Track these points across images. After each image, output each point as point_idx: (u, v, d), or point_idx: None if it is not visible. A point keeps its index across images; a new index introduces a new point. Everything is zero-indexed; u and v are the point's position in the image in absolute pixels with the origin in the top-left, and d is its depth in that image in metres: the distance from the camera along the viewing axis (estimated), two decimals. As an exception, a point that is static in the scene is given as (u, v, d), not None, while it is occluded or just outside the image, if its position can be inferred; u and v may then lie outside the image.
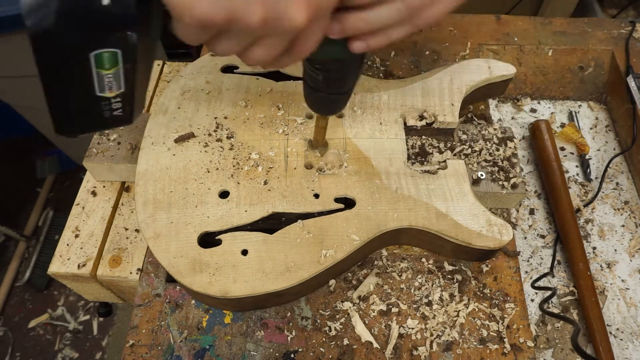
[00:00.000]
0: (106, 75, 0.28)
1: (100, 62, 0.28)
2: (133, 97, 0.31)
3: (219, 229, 0.49)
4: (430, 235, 0.52)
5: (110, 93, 0.30)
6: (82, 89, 0.29)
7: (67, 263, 0.55)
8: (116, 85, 0.29)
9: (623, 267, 0.61)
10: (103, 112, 0.31)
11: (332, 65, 0.39)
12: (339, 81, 0.41)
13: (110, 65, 0.28)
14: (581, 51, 0.76)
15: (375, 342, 0.50)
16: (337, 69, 0.39)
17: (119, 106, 0.31)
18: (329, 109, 0.47)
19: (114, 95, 0.30)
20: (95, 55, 0.27)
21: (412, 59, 0.73)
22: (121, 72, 0.29)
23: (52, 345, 1.52)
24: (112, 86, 0.29)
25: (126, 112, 0.32)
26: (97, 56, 0.27)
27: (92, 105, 0.30)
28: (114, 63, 0.28)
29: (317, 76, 0.40)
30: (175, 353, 0.49)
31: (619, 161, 0.71)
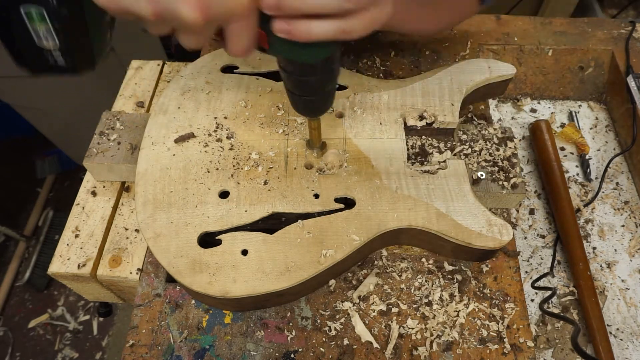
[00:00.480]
0: (39, 29, 0.33)
1: (30, 16, 0.32)
2: (72, 52, 0.35)
3: (219, 229, 0.49)
4: (430, 235, 0.52)
5: (47, 44, 0.34)
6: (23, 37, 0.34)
7: (67, 263, 0.55)
8: (51, 39, 0.34)
9: (623, 267, 0.61)
10: (48, 60, 0.35)
11: (292, 68, 0.39)
12: (304, 84, 0.41)
13: (39, 20, 0.33)
14: (581, 51, 0.76)
15: (375, 342, 0.50)
16: (299, 73, 0.39)
17: (59, 57, 0.35)
18: (310, 110, 0.46)
19: (52, 48, 0.34)
20: (25, 11, 0.32)
21: (412, 59, 0.73)
22: (51, 29, 0.33)
23: (52, 345, 1.52)
24: (48, 39, 0.34)
25: (69, 63, 0.36)
26: (27, 10, 0.32)
27: (36, 52, 0.35)
28: (42, 18, 0.32)
29: (283, 75, 0.41)
30: (175, 353, 0.49)
31: (619, 161, 0.71)
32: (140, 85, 0.71)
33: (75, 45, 0.35)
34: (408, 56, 0.73)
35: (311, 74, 0.39)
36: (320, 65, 0.38)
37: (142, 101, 0.69)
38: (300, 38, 0.33)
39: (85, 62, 0.38)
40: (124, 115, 0.62)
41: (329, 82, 0.42)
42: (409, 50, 0.74)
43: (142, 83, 0.71)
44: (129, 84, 0.71)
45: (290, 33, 0.33)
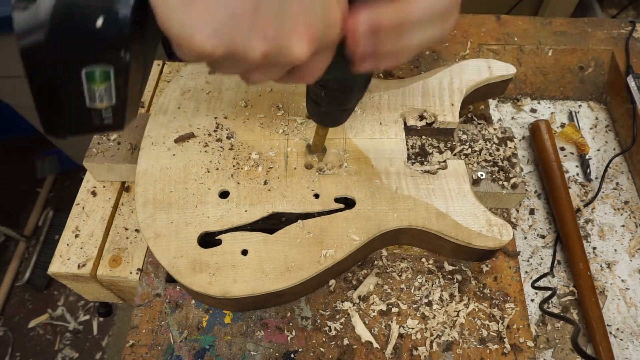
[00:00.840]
0: (97, 89, 0.28)
1: (92, 77, 0.28)
2: (124, 108, 0.31)
3: (219, 229, 0.49)
4: (430, 235, 0.52)
5: (100, 105, 0.30)
6: (72, 100, 0.29)
7: (67, 263, 0.55)
8: (107, 97, 0.29)
9: (623, 267, 0.61)
10: (93, 121, 0.31)
11: (335, 84, 0.38)
12: (342, 99, 0.41)
13: (102, 81, 0.28)
14: (581, 51, 0.76)
15: (375, 342, 0.50)
16: (341, 87, 0.39)
17: (109, 116, 0.31)
18: (331, 121, 0.47)
19: (105, 107, 0.30)
20: (87, 72, 0.27)
21: (412, 59, 0.73)
22: (113, 87, 0.29)
23: (52, 345, 1.52)
24: (103, 99, 0.29)
25: (117, 121, 0.32)
26: (89, 72, 0.27)
27: (82, 114, 0.30)
28: (106, 78, 0.28)
29: (320, 92, 0.40)
30: (175, 353, 0.49)
31: (619, 161, 0.71)
32: (140, 85, 0.70)
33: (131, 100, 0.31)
34: (408, 56, 0.73)
35: (351, 90, 0.39)
36: (364, 80, 0.39)
37: (142, 101, 0.69)
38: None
39: (133, 115, 0.33)
40: (124, 115, 0.62)
41: (362, 95, 0.42)
42: (409, 50, 0.74)
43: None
44: (129, 84, 0.71)
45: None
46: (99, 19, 0.25)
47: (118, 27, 0.25)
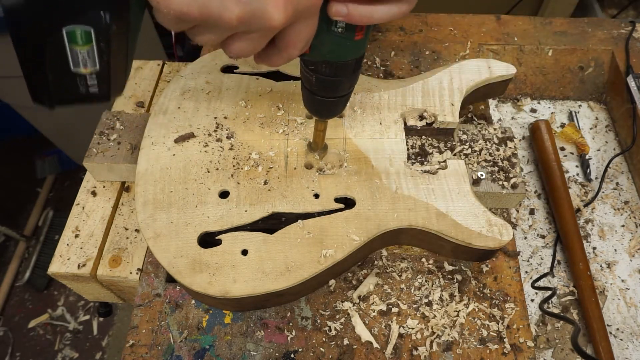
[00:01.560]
0: (80, 52, 0.29)
1: (74, 37, 0.28)
2: (109, 76, 0.31)
3: (219, 229, 0.49)
4: (430, 235, 0.52)
5: (84, 70, 0.30)
6: (56, 63, 0.29)
7: (67, 263, 0.55)
8: (90, 62, 0.30)
9: (623, 267, 0.61)
10: (79, 87, 0.31)
11: (325, 67, 0.39)
12: (332, 85, 0.41)
13: (84, 42, 0.28)
14: (581, 51, 0.76)
15: (375, 342, 0.50)
16: (330, 72, 0.39)
17: (94, 83, 0.31)
18: (326, 112, 0.46)
19: (89, 72, 0.30)
20: (67, 31, 0.28)
21: (412, 59, 0.73)
22: (95, 50, 0.29)
23: (52, 345, 1.52)
24: (87, 63, 0.30)
25: (102, 90, 0.32)
26: (71, 32, 0.28)
27: (67, 79, 0.31)
28: (87, 40, 0.28)
29: (311, 78, 0.40)
30: (175, 353, 0.49)
31: (619, 161, 0.71)
32: (140, 85, 0.71)
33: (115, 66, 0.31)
34: (408, 56, 0.73)
35: (345, 73, 0.39)
36: (355, 63, 0.38)
37: (142, 101, 0.69)
38: (360, 22, 0.32)
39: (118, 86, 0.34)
40: (124, 115, 0.62)
41: (356, 81, 0.42)
42: (409, 50, 0.74)
43: (142, 83, 0.71)
44: (129, 84, 0.71)
45: (349, 16, 0.31)
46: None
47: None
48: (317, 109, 0.45)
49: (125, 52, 0.32)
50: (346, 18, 0.32)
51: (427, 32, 0.76)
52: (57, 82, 0.31)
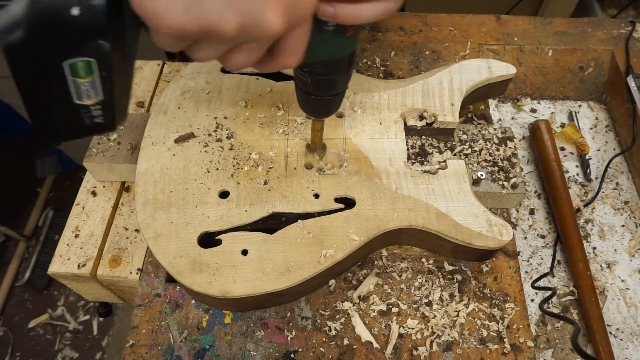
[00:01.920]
0: (82, 84, 0.29)
1: (75, 70, 0.28)
2: (113, 104, 0.31)
3: (219, 229, 0.49)
4: (430, 235, 0.52)
5: (88, 101, 0.30)
6: (59, 97, 0.29)
7: (67, 263, 0.55)
8: (94, 93, 0.29)
9: (623, 267, 0.61)
10: (83, 120, 0.31)
11: (319, 67, 0.39)
12: (328, 83, 0.41)
13: (86, 74, 0.28)
14: (581, 51, 0.76)
15: (375, 342, 0.50)
16: (325, 71, 0.39)
17: (99, 113, 0.31)
18: (321, 111, 0.46)
19: (93, 103, 0.30)
20: (69, 65, 0.27)
21: (412, 59, 0.73)
22: (97, 80, 0.29)
23: (52, 345, 1.52)
24: (90, 94, 0.29)
25: (107, 119, 0.31)
26: (72, 65, 0.27)
27: (71, 113, 0.30)
28: (89, 71, 0.28)
29: (306, 79, 0.40)
30: (175, 353, 0.49)
31: (619, 161, 0.71)
32: (140, 85, 0.71)
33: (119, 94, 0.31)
34: (408, 56, 0.73)
35: (339, 71, 0.39)
36: (348, 59, 0.39)
37: (142, 101, 0.69)
38: (347, 21, 0.32)
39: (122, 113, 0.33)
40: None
41: (350, 77, 0.42)
42: (409, 50, 0.74)
43: (142, 83, 0.71)
44: (129, 84, 0.71)
45: (336, 16, 0.32)
46: (74, 9, 0.25)
47: (94, 15, 0.26)
48: (313, 108, 0.45)
49: (128, 77, 0.32)
50: (333, 18, 0.32)
51: (427, 32, 0.76)
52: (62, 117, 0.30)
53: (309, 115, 0.48)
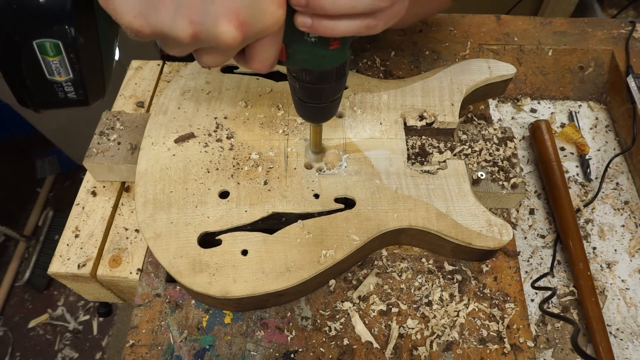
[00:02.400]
0: (52, 62, 0.31)
1: (44, 49, 0.30)
2: (83, 83, 0.33)
3: (219, 229, 0.49)
4: (430, 235, 0.52)
5: (59, 77, 0.32)
6: (33, 71, 0.31)
7: (67, 263, 0.55)
8: (64, 71, 0.32)
9: (623, 267, 0.61)
10: (57, 93, 0.33)
11: (306, 75, 0.39)
12: (316, 92, 0.40)
13: (54, 53, 0.30)
14: (581, 51, 0.76)
15: (375, 342, 0.50)
16: (312, 80, 0.39)
17: (71, 90, 0.33)
18: (316, 117, 0.46)
19: (64, 80, 0.32)
20: (37, 44, 0.30)
21: (412, 59, 0.73)
22: (66, 60, 0.31)
23: (52, 345, 1.52)
24: (60, 71, 0.32)
25: (80, 95, 0.34)
26: (40, 44, 0.30)
27: (45, 86, 0.32)
28: (57, 52, 0.30)
29: (295, 85, 0.40)
30: (175, 353, 0.49)
31: (619, 161, 0.71)
32: (140, 85, 0.71)
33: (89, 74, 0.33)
34: (408, 56, 0.73)
35: (327, 82, 0.39)
36: (336, 72, 0.38)
37: (142, 101, 0.69)
38: (324, 33, 0.32)
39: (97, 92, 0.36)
40: (124, 115, 0.62)
41: (341, 88, 0.42)
42: (409, 50, 0.74)
43: (142, 83, 0.71)
44: (129, 84, 0.71)
45: (313, 28, 0.32)
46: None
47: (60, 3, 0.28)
48: (307, 114, 0.45)
49: (99, 61, 0.34)
50: (310, 29, 0.32)
51: (427, 32, 0.76)
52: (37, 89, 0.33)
53: (304, 119, 0.47)
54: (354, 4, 0.31)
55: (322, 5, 0.30)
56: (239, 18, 0.28)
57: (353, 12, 0.31)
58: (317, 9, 0.30)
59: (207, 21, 0.27)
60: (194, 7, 0.27)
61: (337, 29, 0.32)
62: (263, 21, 0.29)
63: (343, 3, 0.30)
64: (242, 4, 0.27)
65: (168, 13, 0.27)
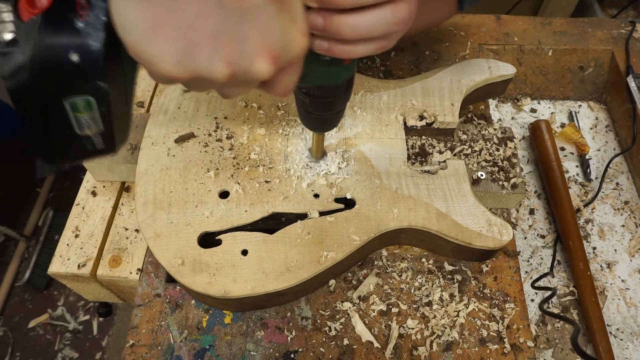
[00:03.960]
0: (83, 118, 0.31)
1: (75, 107, 0.30)
2: (113, 133, 0.33)
3: (219, 229, 0.49)
4: (430, 235, 0.52)
5: (89, 131, 0.32)
6: (62, 130, 0.31)
7: (67, 263, 0.55)
8: (94, 125, 0.32)
9: (623, 267, 0.61)
10: (86, 147, 0.33)
11: (317, 91, 0.39)
12: (326, 105, 0.41)
13: (85, 110, 0.30)
14: (581, 51, 0.76)
15: (376, 342, 0.50)
16: (323, 94, 0.40)
17: (99, 141, 0.33)
18: (321, 127, 0.47)
19: (94, 133, 0.32)
20: (69, 102, 0.30)
21: (412, 59, 0.73)
22: (97, 114, 0.31)
23: (52, 345, 1.52)
24: (91, 126, 0.32)
25: (108, 146, 0.34)
26: (72, 103, 0.30)
27: (74, 141, 0.33)
28: (89, 107, 0.30)
29: (305, 99, 0.41)
30: (175, 353, 0.49)
31: (619, 161, 0.71)
32: (140, 85, 0.71)
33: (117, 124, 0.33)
34: (408, 56, 0.73)
35: (335, 95, 0.40)
36: (345, 84, 0.39)
37: (142, 101, 0.69)
38: (341, 56, 0.34)
39: (123, 138, 0.36)
40: (124, 115, 0.62)
41: (348, 98, 0.43)
42: (409, 50, 0.74)
43: (142, 83, 0.71)
44: (129, 84, 0.71)
45: (330, 51, 0.33)
46: (74, 55, 0.27)
47: (92, 60, 0.28)
48: (313, 125, 0.46)
49: (126, 109, 0.34)
50: (328, 52, 0.33)
51: (427, 32, 0.76)
52: (65, 144, 0.33)
53: (309, 129, 0.48)
54: (371, 31, 0.32)
55: (340, 31, 0.31)
56: (272, 53, 0.28)
57: (369, 37, 0.32)
58: (335, 34, 0.32)
59: (243, 60, 0.28)
60: (230, 48, 0.28)
61: (353, 52, 0.33)
62: (292, 52, 0.30)
63: (361, 30, 0.31)
64: (274, 39, 0.28)
65: (205, 56, 0.27)
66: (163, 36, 0.26)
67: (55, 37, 0.27)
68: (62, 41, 0.27)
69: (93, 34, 0.27)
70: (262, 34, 0.28)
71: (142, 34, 0.27)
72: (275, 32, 0.28)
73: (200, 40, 0.27)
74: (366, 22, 0.31)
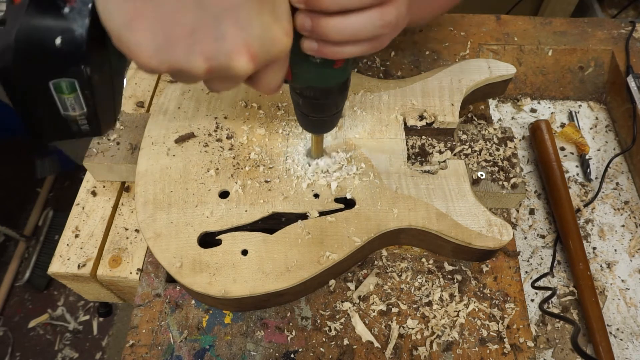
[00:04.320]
0: (67, 99, 0.32)
1: (60, 88, 0.31)
2: (97, 115, 0.34)
3: (219, 229, 0.49)
4: (430, 235, 0.52)
5: (74, 113, 0.33)
6: (47, 109, 0.32)
7: (67, 263, 0.55)
8: (78, 106, 0.33)
9: (623, 267, 0.61)
10: (71, 127, 0.34)
11: (310, 92, 0.40)
12: (319, 107, 0.41)
13: (69, 91, 0.31)
14: (581, 51, 0.76)
15: (376, 342, 0.50)
16: (316, 96, 0.40)
17: (84, 123, 0.34)
18: (319, 129, 0.47)
19: (79, 114, 0.33)
20: (53, 83, 0.31)
21: (412, 59, 0.73)
22: (80, 97, 0.32)
23: (52, 345, 1.52)
24: (75, 107, 0.33)
25: (93, 127, 0.35)
26: (56, 84, 0.31)
27: (59, 121, 0.34)
28: (72, 89, 0.31)
29: (299, 100, 0.41)
30: (175, 353, 0.49)
31: (619, 161, 0.71)
32: (140, 85, 0.71)
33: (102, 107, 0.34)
34: (408, 56, 0.73)
35: (330, 97, 0.40)
36: (339, 87, 0.39)
37: (142, 101, 0.69)
38: (330, 57, 0.34)
39: (109, 122, 0.37)
40: (124, 115, 0.62)
41: (344, 101, 0.43)
42: (409, 50, 0.74)
43: (142, 83, 0.71)
44: (129, 84, 0.71)
45: (319, 52, 0.33)
46: (58, 39, 0.28)
47: (76, 45, 0.29)
48: (309, 126, 0.46)
49: (112, 95, 0.35)
50: (317, 53, 0.33)
51: (427, 32, 0.76)
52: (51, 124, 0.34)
53: (306, 131, 0.48)
54: (358, 33, 0.32)
55: (327, 33, 0.31)
56: (251, 50, 0.29)
57: (356, 39, 0.32)
58: (322, 36, 0.32)
59: (220, 56, 0.29)
60: (208, 44, 0.28)
61: (342, 53, 0.33)
62: (272, 50, 0.30)
63: (348, 33, 0.31)
64: (252, 37, 0.29)
65: (183, 51, 0.28)
66: (142, 27, 0.27)
67: (41, 20, 0.28)
68: (47, 24, 0.28)
69: (78, 19, 0.28)
70: (241, 32, 0.28)
71: (122, 23, 0.27)
72: (254, 31, 0.28)
73: (178, 34, 0.27)
74: (353, 25, 0.31)
